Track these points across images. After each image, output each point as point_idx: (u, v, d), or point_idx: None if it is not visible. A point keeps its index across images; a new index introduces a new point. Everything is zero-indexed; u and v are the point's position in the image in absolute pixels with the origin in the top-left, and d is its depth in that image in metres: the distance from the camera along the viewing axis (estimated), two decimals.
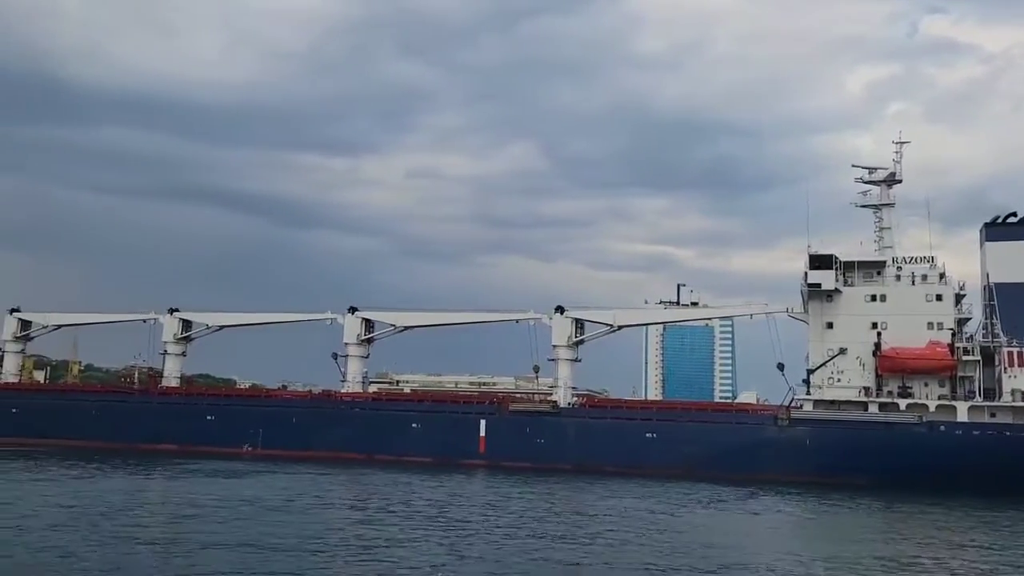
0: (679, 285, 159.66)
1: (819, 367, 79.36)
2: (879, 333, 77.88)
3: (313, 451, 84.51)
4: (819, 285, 79.81)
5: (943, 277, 79.25)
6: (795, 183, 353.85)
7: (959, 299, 79.51)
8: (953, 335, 76.77)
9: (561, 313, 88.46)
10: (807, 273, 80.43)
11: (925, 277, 79.47)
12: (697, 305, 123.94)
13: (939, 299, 78.14)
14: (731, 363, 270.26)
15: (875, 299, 79.63)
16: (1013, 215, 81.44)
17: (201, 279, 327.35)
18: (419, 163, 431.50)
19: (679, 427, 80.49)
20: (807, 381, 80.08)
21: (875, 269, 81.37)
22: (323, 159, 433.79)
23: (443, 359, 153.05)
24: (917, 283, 79.49)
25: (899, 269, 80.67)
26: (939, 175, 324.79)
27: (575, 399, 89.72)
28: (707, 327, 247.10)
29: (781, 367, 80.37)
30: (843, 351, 79.00)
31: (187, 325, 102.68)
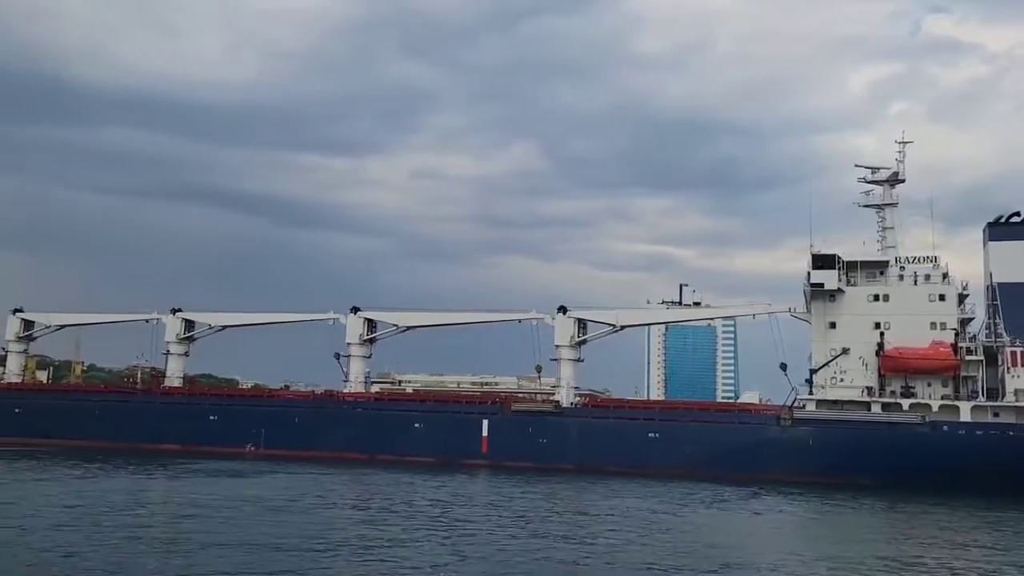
0: (681, 285, 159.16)
1: (822, 367, 79.27)
2: (882, 333, 77.80)
3: (315, 451, 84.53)
4: (822, 285, 79.74)
5: (946, 277, 79.13)
6: (797, 183, 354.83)
7: (962, 299, 79.50)
8: (956, 335, 76.65)
9: (563, 313, 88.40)
10: (810, 273, 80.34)
11: (928, 277, 79.35)
12: (699, 305, 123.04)
13: (942, 299, 78.03)
14: (733, 363, 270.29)
15: (878, 299, 79.52)
16: (1016, 215, 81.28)
17: (203, 279, 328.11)
18: (422, 163, 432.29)
19: (682, 427, 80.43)
20: (810, 381, 79.99)
21: (878, 269, 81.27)
22: (326, 159, 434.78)
23: (445, 359, 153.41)
24: (920, 283, 79.37)
25: (902, 269, 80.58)
26: (942, 175, 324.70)
27: (577, 399, 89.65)
28: (709, 327, 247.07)
29: (784, 367, 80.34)
30: (846, 351, 78.90)
31: (190, 325, 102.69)
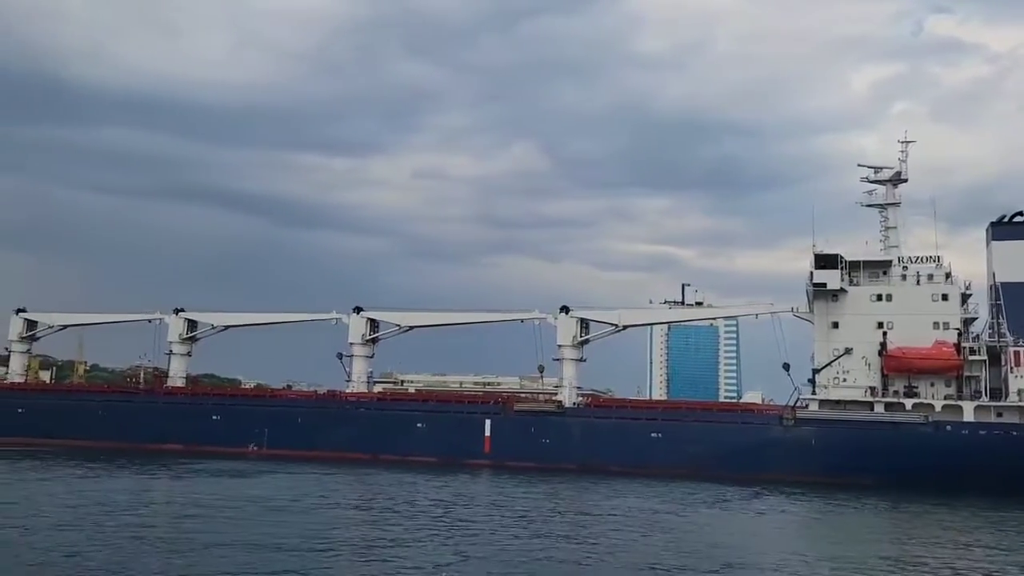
0: (683, 285, 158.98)
1: (825, 367, 79.21)
2: (885, 333, 77.75)
3: (318, 451, 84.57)
4: (825, 285, 79.66)
5: (949, 277, 79.05)
6: (799, 183, 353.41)
7: (965, 299, 79.45)
8: (959, 335, 76.53)
9: (566, 313, 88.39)
10: (812, 273, 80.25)
11: (931, 277, 79.26)
12: (702, 305, 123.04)
13: (945, 299, 77.94)
14: (736, 363, 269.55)
15: (881, 299, 79.44)
16: (1019, 214, 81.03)
17: (204, 279, 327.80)
18: (425, 163, 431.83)
19: (684, 427, 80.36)
20: (812, 381, 79.90)
21: (881, 269, 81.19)
22: (328, 159, 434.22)
23: (448, 359, 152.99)
24: (923, 283, 79.28)
25: (905, 269, 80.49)
26: (945, 174, 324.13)
27: (580, 399, 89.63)
28: (712, 327, 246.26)
29: (786, 367, 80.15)
30: (849, 351, 78.83)
31: (192, 325, 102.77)
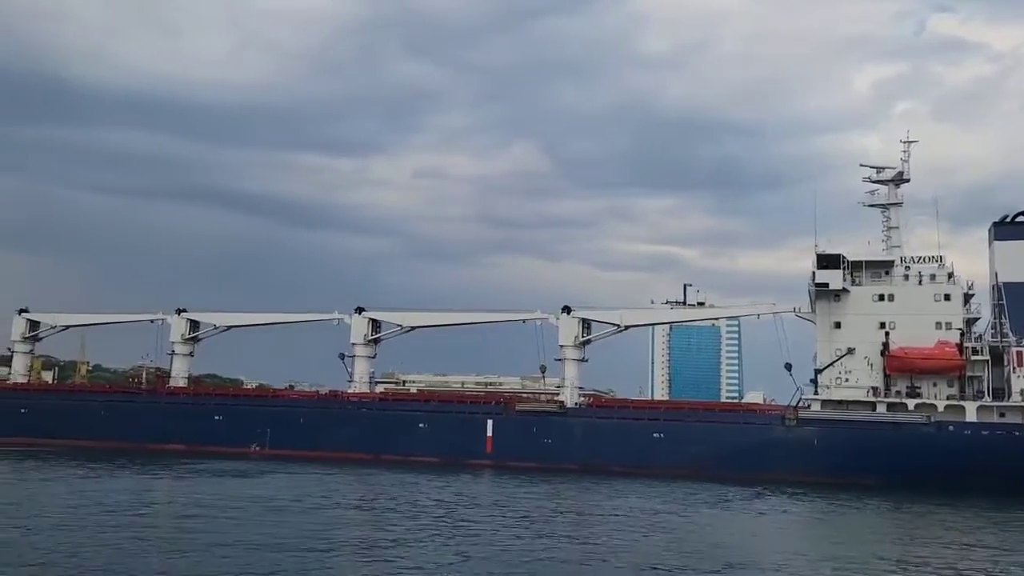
0: (685, 285, 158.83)
1: (827, 367, 79.12)
2: (887, 333, 77.60)
3: (320, 451, 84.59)
4: (827, 285, 79.54)
5: (951, 276, 78.94)
6: (801, 183, 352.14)
7: (968, 299, 79.29)
8: (962, 335, 76.44)
9: (568, 313, 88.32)
10: (815, 273, 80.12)
11: (933, 276, 79.15)
12: (703, 305, 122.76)
13: (947, 299, 77.84)
14: (738, 363, 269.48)
15: (883, 299, 79.34)
16: (1022, 214, 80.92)
17: (206, 280, 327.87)
18: (426, 163, 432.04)
19: (686, 427, 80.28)
20: (815, 381, 79.84)
21: (883, 269, 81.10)
22: (330, 159, 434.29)
23: (450, 359, 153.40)
24: (925, 283, 79.16)
25: (907, 269, 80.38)
26: (947, 174, 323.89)
27: (582, 399, 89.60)
28: (713, 327, 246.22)
29: (788, 367, 79.97)
30: (851, 351, 78.74)
31: (194, 325, 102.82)
